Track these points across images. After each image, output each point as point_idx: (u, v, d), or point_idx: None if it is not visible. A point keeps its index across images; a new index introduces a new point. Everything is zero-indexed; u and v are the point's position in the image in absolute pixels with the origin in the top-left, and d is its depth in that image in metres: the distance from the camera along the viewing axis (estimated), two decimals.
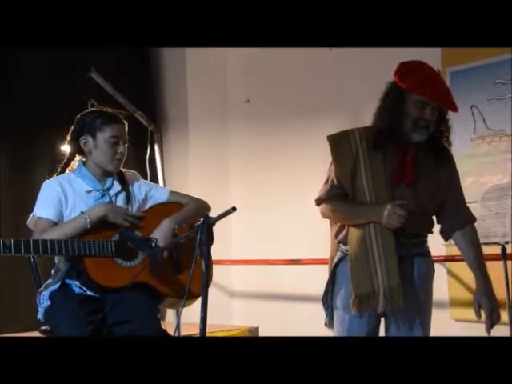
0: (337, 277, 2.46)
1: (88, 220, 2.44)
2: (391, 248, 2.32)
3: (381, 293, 2.30)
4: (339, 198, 2.43)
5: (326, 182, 2.48)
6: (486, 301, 2.42)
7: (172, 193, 2.75)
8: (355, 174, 2.38)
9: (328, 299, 2.48)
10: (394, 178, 2.36)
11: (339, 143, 2.43)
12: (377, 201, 2.35)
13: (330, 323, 2.50)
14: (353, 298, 2.33)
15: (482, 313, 2.43)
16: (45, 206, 2.51)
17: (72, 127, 2.63)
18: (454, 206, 2.52)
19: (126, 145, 2.62)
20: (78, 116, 2.63)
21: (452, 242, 2.58)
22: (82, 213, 2.47)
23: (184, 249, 2.55)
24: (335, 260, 2.47)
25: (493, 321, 2.41)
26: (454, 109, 2.42)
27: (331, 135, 2.47)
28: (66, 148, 2.71)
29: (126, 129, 2.64)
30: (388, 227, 2.31)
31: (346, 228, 2.44)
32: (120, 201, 2.61)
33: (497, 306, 2.43)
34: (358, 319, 2.37)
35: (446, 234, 2.54)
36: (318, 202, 2.49)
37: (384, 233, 2.32)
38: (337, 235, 2.48)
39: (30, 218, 2.55)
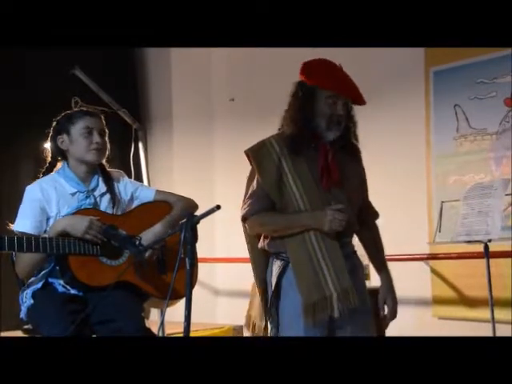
0: (282, 287, 2.33)
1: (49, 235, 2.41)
2: (336, 250, 2.27)
3: (334, 296, 2.22)
4: (266, 211, 2.35)
5: (250, 197, 2.38)
6: (390, 297, 2.44)
7: (158, 192, 2.72)
8: (282, 183, 2.32)
9: (273, 313, 2.35)
10: (323, 181, 2.31)
11: (260, 155, 2.37)
12: (311, 206, 2.29)
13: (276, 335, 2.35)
14: (305, 307, 2.23)
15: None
16: (23, 219, 2.48)
17: (50, 132, 2.62)
18: (367, 200, 2.51)
19: (106, 138, 2.60)
20: (54, 122, 2.62)
21: (440, 239, 2.55)
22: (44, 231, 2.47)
23: (170, 249, 2.54)
24: (277, 271, 2.34)
25: (394, 316, 2.44)
26: (362, 102, 2.36)
27: (250, 148, 2.40)
28: (48, 152, 2.69)
29: (103, 121, 2.61)
30: (331, 232, 2.26)
31: (277, 238, 2.35)
32: (105, 201, 2.59)
33: (396, 303, 2.45)
34: (311, 328, 2.24)
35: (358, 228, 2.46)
36: (245, 217, 2.40)
37: (326, 236, 2.27)
38: (269, 246, 2.38)
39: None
